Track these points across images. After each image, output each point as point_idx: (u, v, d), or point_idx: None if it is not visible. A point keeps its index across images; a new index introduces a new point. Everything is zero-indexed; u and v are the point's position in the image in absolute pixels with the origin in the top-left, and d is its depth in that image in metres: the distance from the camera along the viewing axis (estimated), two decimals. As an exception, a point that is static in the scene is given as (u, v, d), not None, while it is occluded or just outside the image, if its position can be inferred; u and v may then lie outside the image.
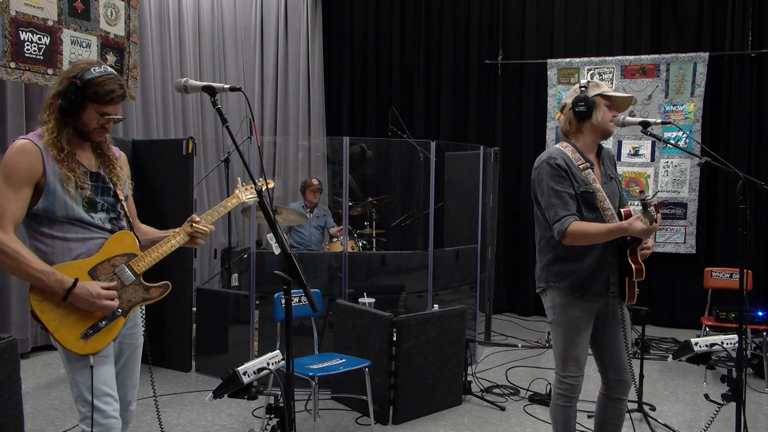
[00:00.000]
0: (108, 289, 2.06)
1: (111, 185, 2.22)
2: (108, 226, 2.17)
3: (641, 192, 2.41)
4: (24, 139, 2.07)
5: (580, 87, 2.72)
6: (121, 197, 2.24)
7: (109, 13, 5.29)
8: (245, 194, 2.52)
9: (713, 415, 2.62)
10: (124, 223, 2.25)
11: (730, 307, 5.00)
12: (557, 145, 2.75)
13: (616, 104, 2.71)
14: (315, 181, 6.30)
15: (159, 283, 2.24)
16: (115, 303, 2.08)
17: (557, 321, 2.72)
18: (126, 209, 2.26)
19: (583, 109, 2.68)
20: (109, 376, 2.11)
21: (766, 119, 6.30)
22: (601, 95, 2.68)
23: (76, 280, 2.01)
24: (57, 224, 2.08)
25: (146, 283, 2.21)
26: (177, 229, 2.31)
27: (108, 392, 2.07)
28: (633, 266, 2.63)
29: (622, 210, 2.71)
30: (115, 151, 2.31)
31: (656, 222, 2.41)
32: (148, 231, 2.41)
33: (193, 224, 2.29)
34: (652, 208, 2.39)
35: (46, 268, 1.99)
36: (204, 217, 2.33)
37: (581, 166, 2.66)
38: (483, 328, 5.82)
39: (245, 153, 4.78)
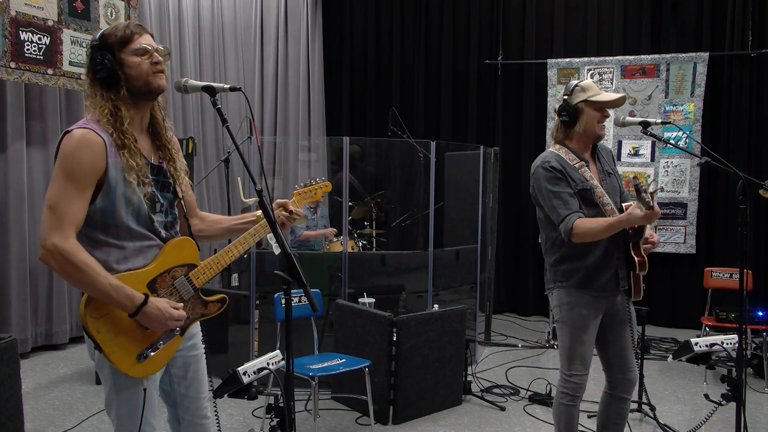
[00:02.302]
0: (176, 308, 1.87)
1: (171, 180, 1.98)
2: (163, 233, 1.94)
3: (634, 178, 2.39)
4: (84, 128, 1.80)
5: (564, 94, 2.70)
6: (180, 195, 2.01)
7: (109, 13, 5.29)
8: (299, 201, 2.27)
9: (709, 414, 2.63)
10: (178, 228, 2.03)
11: (730, 307, 5.00)
12: (551, 148, 2.76)
13: (603, 106, 2.68)
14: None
15: (216, 297, 2.05)
16: (183, 322, 1.90)
17: (564, 319, 2.72)
18: (184, 208, 2.04)
19: (566, 119, 2.69)
20: (154, 403, 1.94)
21: (766, 119, 6.30)
22: (586, 101, 2.65)
23: (147, 296, 1.81)
24: (112, 228, 1.84)
25: (204, 298, 2.01)
26: (258, 215, 2.07)
27: (150, 421, 1.92)
28: (636, 259, 2.63)
29: (624, 204, 2.71)
30: (173, 138, 2.05)
31: (653, 208, 2.37)
32: (218, 219, 2.20)
33: (289, 209, 2.09)
34: (647, 194, 2.36)
35: (115, 282, 1.77)
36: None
37: (576, 165, 2.66)
38: (483, 328, 5.82)
39: (245, 153, 4.78)
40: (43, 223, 1.77)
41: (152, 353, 1.87)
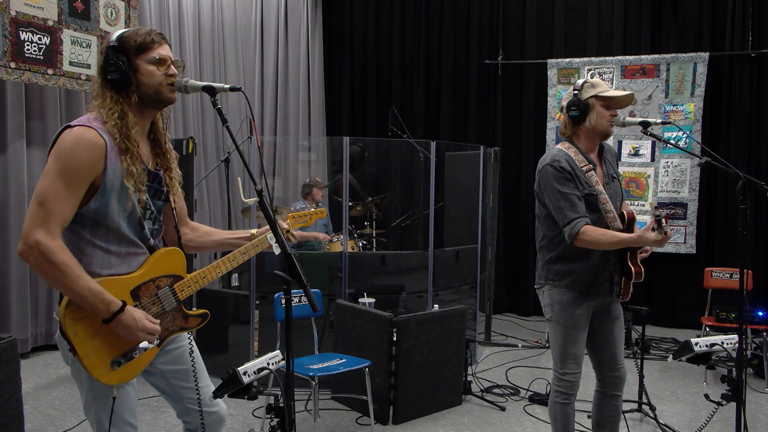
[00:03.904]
0: (152, 322, 1.84)
1: (165, 188, 1.97)
2: (151, 241, 1.92)
3: (656, 208, 2.38)
4: (85, 127, 1.75)
5: (574, 90, 2.70)
6: (172, 204, 2.00)
7: (109, 13, 5.29)
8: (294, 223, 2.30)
9: (710, 415, 2.64)
10: (162, 236, 2.01)
11: (730, 307, 5.00)
12: (559, 146, 2.74)
13: (614, 103, 2.68)
14: (319, 179, 6.33)
15: (198, 312, 2.03)
16: (154, 337, 1.85)
17: (556, 318, 2.73)
18: (175, 218, 2.03)
19: (575, 114, 2.68)
20: (133, 402, 1.92)
21: (766, 119, 6.30)
22: (596, 96, 2.65)
23: (124, 303, 1.78)
24: (102, 230, 1.81)
25: (186, 311, 1.98)
26: (253, 233, 2.08)
27: (130, 421, 1.90)
28: (633, 269, 2.64)
29: (624, 211, 2.71)
30: (171, 148, 2.06)
31: (667, 233, 2.39)
32: (210, 231, 2.19)
33: (284, 227, 2.10)
34: (665, 226, 2.39)
35: (94, 286, 1.74)
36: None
37: (584, 168, 2.66)
38: (483, 328, 5.82)
39: (245, 153, 4.78)
40: (29, 217, 1.73)
41: (126, 362, 1.83)
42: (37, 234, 1.70)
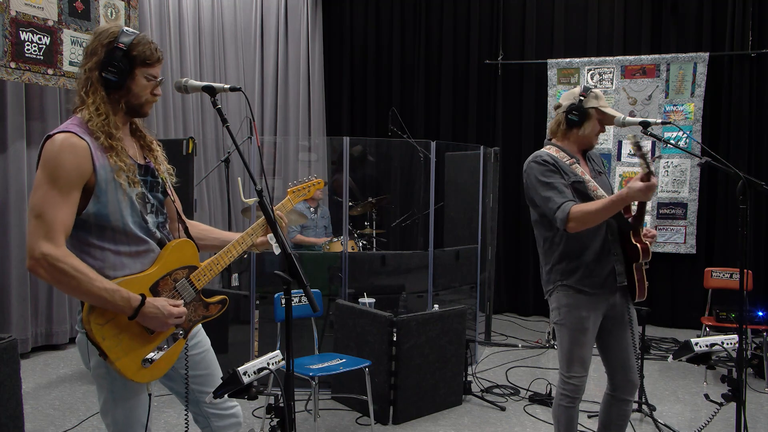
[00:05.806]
0: (176, 305, 1.87)
1: (160, 179, 1.98)
2: (157, 234, 1.93)
3: (636, 143, 2.32)
4: (65, 132, 1.77)
5: (580, 95, 2.72)
6: (170, 194, 2.02)
7: (109, 13, 5.29)
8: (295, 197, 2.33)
9: (712, 415, 2.64)
10: (168, 228, 2.03)
11: (730, 307, 4.99)
12: (542, 149, 2.78)
13: (606, 120, 2.74)
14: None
15: (217, 299, 2.06)
16: (183, 319, 1.89)
17: (563, 321, 2.71)
18: (176, 208, 2.04)
19: (574, 119, 2.71)
20: (147, 404, 1.95)
21: (766, 119, 6.30)
22: (597, 109, 2.70)
23: (144, 296, 1.80)
24: (108, 232, 1.82)
25: (205, 299, 2.02)
26: (249, 231, 2.06)
27: (143, 423, 1.92)
28: (638, 246, 2.61)
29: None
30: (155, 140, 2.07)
31: (653, 175, 2.37)
32: (210, 228, 2.21)
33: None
34: (649, 155, 2.35)
35: (110, 285, 1.75)
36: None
37: (568, 162, 2.69)
38: (483, 328, 5.82)
39: (245, 153, 4.78)
40: (30, 232, 1.73)
41: (157, 357, 1.86)
42: (42, 246, 1.71)
